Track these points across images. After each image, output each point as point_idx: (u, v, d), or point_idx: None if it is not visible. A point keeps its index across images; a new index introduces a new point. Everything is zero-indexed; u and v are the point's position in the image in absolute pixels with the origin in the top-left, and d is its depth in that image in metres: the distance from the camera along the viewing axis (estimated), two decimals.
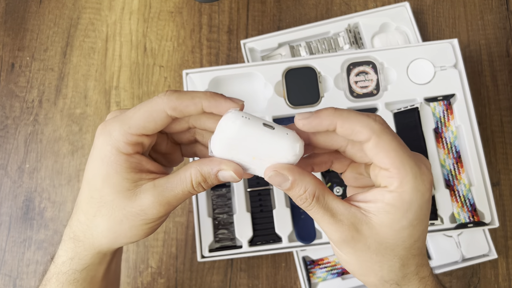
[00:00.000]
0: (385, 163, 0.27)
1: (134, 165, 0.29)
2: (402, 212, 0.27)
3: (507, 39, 0.59)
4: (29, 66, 0.58)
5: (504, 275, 0.52)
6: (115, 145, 0.29)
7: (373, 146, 0.27)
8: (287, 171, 0.27)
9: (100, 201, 0.30)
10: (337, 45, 0.56)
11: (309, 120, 0.27)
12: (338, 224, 0.28)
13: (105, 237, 0.31)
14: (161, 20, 0.59)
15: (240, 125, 0.27)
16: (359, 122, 0.27)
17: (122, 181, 0.29)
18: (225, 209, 0.49)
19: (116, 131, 0.29)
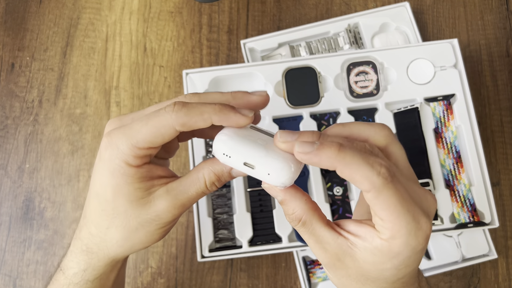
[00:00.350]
0: (382, 215, 0.26)
1: (144, 174, 0.30)
2: (388, 258, 0.26)
3: (507, 39, 0.59)
4: (29, 66, 0.58)
5: (504, 275, 0.52)
6: (123, 158, 0.29)
7: (371, 198, 0.25)
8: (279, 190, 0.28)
9: (113, 213, 0.30)
10: (337, 45, 0.56)
11: (308, 156, 0.26)
12: (322, 250, 0.28)
13: (121, 246, 0.31)
14: (161, 20, 0.59)
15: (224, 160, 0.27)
16: (360, 172, 0.25)
17: (135, 191, 0.29)
18: (225, 209, 0.49)
19: (123, 144, 0.28)
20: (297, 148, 0.26)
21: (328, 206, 0.48)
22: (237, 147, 0.27)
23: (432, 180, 0.49)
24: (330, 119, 0.51)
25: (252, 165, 0.27)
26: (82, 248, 0.32)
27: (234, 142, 0.27)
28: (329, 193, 0.49)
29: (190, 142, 0.50)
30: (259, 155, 0.27)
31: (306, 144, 0.26)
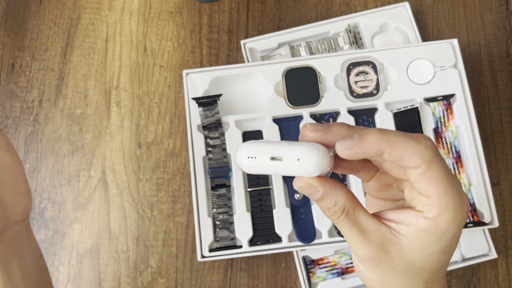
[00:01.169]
0: (429, 191, 0.25)
1: None
2: (435, 239, 0.26)
3: (507, 39, 0.59)
4: (29, 66, 0.58)
5: (504, 275, 0.52)
6: None
7: (420, 174, 0.25)
8: (318, 183, 0.27)
9: None
10: (337, 45, 0.56)
11: (353, 150, 0.25)
12: (366, 241, 0.27)
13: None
14: (161, 20, 0.59)
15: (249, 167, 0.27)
16: (409, 149, 0.25)
17: None
18: (225, 209, 0.49)
19: None
20: (339, 147, 0.26)
21: None
22: (260, 147, 0.27)
23: None
24: (330, 119, 0.51)
25: (280, 156, 0.26)
26: None
27: (256, 145, 0.27)
28: None
29: (190, 142, 0.50)
30: (283, 146, 0.27)
31: (346, 140, 0.26)
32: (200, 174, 0.49)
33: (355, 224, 0.27)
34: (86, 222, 0.53)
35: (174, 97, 0.57)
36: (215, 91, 0.52)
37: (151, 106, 0.56)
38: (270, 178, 0.50)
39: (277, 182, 0.49)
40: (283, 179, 0.49)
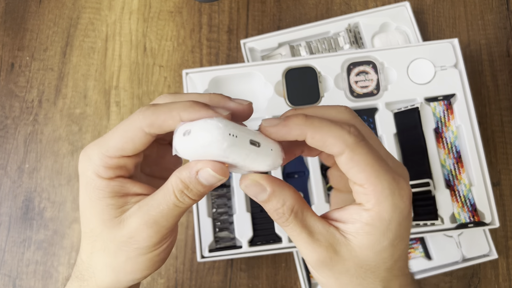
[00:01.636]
0: (360, 178, 0.24)
1: (117, 189, 0.27)
2: (382, 232, 0.25)
3: (508, 39, 0.59)
4: (29, 66, 0.58)
5: (505, 275, 0.52)
6: (94, 170, 0.26)
7: (346, 160, 0.24)
8: (266, 181, 0.25)
9: (92, 235, 0.27)
10: (337, 45, 0.55)
11: (276, 128, 0.25)
12: (316, 244, 0.25)
13: (106, 275, 0.28)
14: (161, 20, 0.59)
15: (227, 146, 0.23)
16: (332, 133, 0.24)
17: (107, 208, 0.26)
18: (225, 209, 0.49)
19: (94, 155, 0.26)
20: (264, 123, 0.25)
21: (328, 206, 0.48)
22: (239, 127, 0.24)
23: (432, 180, 0.49)
24: None
25: (258, 142, 0.25)
26: (76, 274, 0.30)
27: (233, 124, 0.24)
28: (329, 193, 0.49)
29: None
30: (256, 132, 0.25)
31: (273, 119, 0.26)
32: None
33: (304, 226, 0.25)
34: None
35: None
36: (215, 91, 0.52)
37: None
38: None
39: None
40: (283, 179, 0.49)
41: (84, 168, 0.27)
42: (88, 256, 0.28)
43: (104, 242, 0.27)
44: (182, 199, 0.26)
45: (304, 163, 0.50)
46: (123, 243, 0.26)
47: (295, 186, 0.49)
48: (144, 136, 0.26)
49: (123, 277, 0.28)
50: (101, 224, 0.27)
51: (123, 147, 0.26)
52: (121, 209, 0.27)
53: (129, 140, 0.26)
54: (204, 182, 0.25)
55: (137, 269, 0.28)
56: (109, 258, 0.27)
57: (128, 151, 0.26)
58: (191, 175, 0.25)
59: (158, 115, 0.25)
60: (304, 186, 0.49)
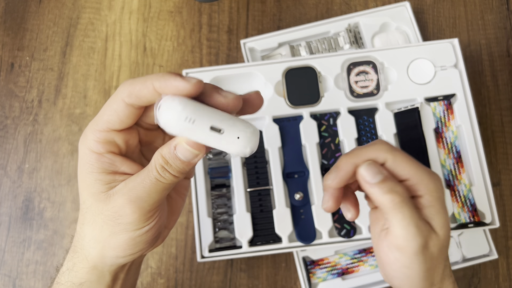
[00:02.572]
0: (404, 174, 0.32)
1: (106, 166, 0.28)
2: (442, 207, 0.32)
3: (508, 39, 0.59)
4: (29, 66, 0.58)
5: (505, 275, 0.52)
6: (87, 144, 0.28)
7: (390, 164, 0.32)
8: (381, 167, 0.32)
9: (84, 207, 0.29)
10: (337, 45, 0.55)
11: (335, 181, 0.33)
12: (420, 230, 0.31)
13: (92, 247, 0.29)
14: (161, 20, 0.59)
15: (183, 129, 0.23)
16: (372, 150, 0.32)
17: (95, 183, 0.28)
18: (225, 209, 0.49)
19: (88, 131, 0.28)
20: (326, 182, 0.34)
21: None
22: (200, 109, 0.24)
23: None
24: (330, 119, 0.51)
25: (220, 128, 0.24)
26: (72, 245, 0.31)
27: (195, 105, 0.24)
28: None
29: None
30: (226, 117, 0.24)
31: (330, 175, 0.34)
32: (200, 174, 0.49)
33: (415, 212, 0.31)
34: None
35: None
36: None
37: None
38: (270, 178, 0.50)
39: (277, 182, 0.49)
40: (283, 179, 0.49)
41: (81, 144, 0.29)
42: (80, 227, 0.30)
43: (93, 214, 0.28)
44: (163, 174, 0.27)
45: (304, 163, 0.50)
46: (108, 217, 0.28)
47: (295, 186, 0.49)
48: (126, 107, 0.27)
49: (107, 252, 0.29)
50: (90, 197, 0.28)
51: (108, 119, 0.27)
52: (109, 185, 0.28)
53: (113, 112, 0.27)
54: (182, 158, 0.26)
55: (120, 245, 0.29)
56: (95, 231, 0.29)
57: (114, 123, 0.27)
58: (170, 150, 0.26)
59: (135, 86, 0.26)
60: (304, 186, 0.49)
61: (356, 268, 0.50)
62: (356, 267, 0.50)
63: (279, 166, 0.49)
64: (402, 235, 0.31)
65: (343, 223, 0.48)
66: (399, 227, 0.31)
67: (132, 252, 0.29)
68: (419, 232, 0.31)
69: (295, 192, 0.49)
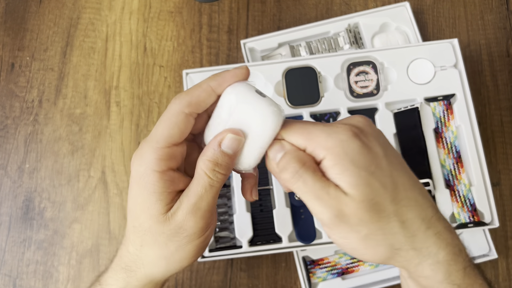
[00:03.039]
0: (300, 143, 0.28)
1: (168, 184, 0.28)
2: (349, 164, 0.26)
3: (507, 39, 0.59)
4: (29, 66, 0.58)
5: (504, 275, 0.52)
6: (148, 165, 0.28)
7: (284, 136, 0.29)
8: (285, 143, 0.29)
9: (141, 229, 0.29)
10: (337, 45, 0.56)
11: None
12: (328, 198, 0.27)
13: (157, 265, 0.30)
14: (161, 20, 0.59)
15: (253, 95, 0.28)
16: None
17: (155, 204, 0.28)
18: (225, 209, 0.49)
19: (146, 151, 0.28)
20: None
21: None
22: None
23: (432, 180, 0.49)
24: (330, 119, 0.51)
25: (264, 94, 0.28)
26: (122, 265, 0.31)
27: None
28: None
29: None
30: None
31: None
32: None
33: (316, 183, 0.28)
34: (86, 222, 0.53)
35: (174, 97, 0.57)
36: None
37: (151, 106, 0.56)
38: (270, 178, 0.50)
39: (277, 182, 0.49)
40: None
41: (137, 165, 0.29)
42: (137, 249, 0.30)
43: (153, 235, 0.29)
44: (215, 177, 0.28)
45: None
46: (173, 235, 0.29)
47: None
48: (186, 117, 0.28)
49: (172, 265, 0.30)
50: (149, 219, 0.28)
51: (170, 134, 0.28)
52: (168, 206, 0.29)
53: (174, 126, 0.28)
54: (229, 151, 0.28)
55: (186, 256, 0.30)
56: (159, 250, 0.29)
57: (176, 137, 0.28)
58: (216, 150, 0.28)
59: (192, 94, 0.28)
60: None
61: (356, 268, 0.50)
62: (356, 267, 0.50)
63: None
64: (314, 211, 0.28)
65: None
66: (308, 203, 0.28)
67: (196, 257, 0.31)
68: (322, 204, 0.27)
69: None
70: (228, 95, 0.28)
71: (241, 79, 0.29)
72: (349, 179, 0.26)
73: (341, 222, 0.27)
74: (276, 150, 0.28)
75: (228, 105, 0.28)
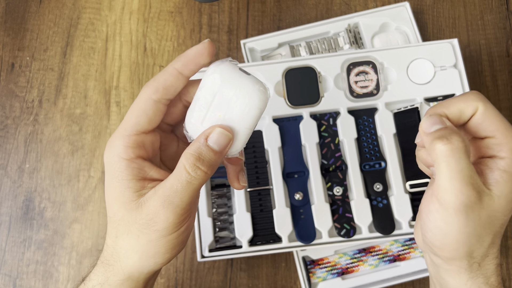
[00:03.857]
0: (492, 130, 0.28)
1: (136, 172, 0.28)
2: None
3: (507, 39, 0.59)
4: (29, 66, 0.58)
5: (504, 275, 0.52)
6: (116, 152, 0.28)
7: (480, 115, 0.28)
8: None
9: (116, 219, 0.29)
10: (337, 45, 0.56)
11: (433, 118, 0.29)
12: (470, 187, 0.26)
13: (130, 258, 0.29)
14: (161, 20, 0.59)
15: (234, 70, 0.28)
16: (465, 97, 0.29)
17: (126, 191, 0.28)
18: (225, 209, 0.49)
19: (115, 139, 0.28)
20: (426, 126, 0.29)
21: (328, 206, 0.48)
22: None
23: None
24: (330, 119, 0.51)
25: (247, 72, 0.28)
26: (102, 260, 0.31)
27: None
28: (329, 193, 0.49)
29: None
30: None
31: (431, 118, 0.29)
32: None
33: (467, 166, 0.27)
34: (86, 222, 0.53)
35: None
36: None
37: None
38: (270, 178, 0.50)
39: (277, 182, 0.49)
40: (283, 179, 0.49)
41: (108, 153, 0.28)
42: (113, 241, 0.29)
43: (127, 225, 0.28)
44: (194, 174, 0.27)
45: (304, 163, 0.50)
46: (143, 226, 0.28)
47: (295, 186, 0.49)
48: (155, 104, 0.28)
49: (146, 260, 0.29)
50: (121, 207, 0.28)
51: (137, 121, 0.28)
52: (139, 193, 0.28)
53: (142, 113, 0.28)
54: (215, 147, 0.26)
55: (158, 251, 0.29)
56: (132, 241, 0.28)
57: (144, 124, 0.28)
58: (201, 143, 0.26)
59: (158, 79, 0.28)
60: (304, 186, 0.49)
61: (356, 268, 0.50)
62: (356, 267, 0.50)
63: (279, 166, 0.49)
64: (445, 187, 0.27)
65: (343, 223, 0.48)
66: (443, 178, 0.27)
67: (171, 255, 0.29)
68: (465, 188, 0.26)
69: (295, 192, 0.49)
70: (212, 74, 0.27)
71: (206, 55, 0.28)
72: (506, 191, 0.28)
73: (465, 213, 0.27)
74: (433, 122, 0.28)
75: (211, 85, 0.27)
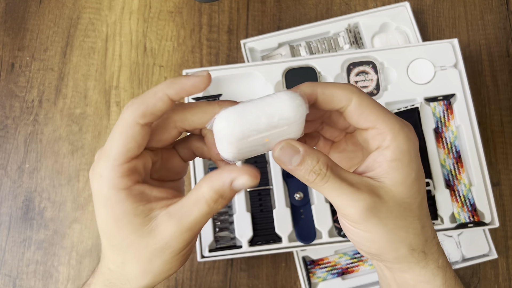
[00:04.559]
0: (371, 120, 0.27)
1: (138, 198, 0.27)
2: (407, 163, 0.27)
3: (507, 39, 0.59)
4: (29, 66, 0.58)
5: (504, 275, 0.52)
6: (110, 185, 0.26)
7: (355, 107, 0.27)
8: (297, 143, 0.26)
9: (122, 246, 0.28)
10: (337, 45, 0.56)
11: None
12: (358, 192, 0.26)
13: (142, 279, 0.29)
14: (161, 20, 0.59)
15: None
16: (338, 87, 0.27)
17: (134, 219, 0.26)
18: (225, 209, 0.49)
19: (104, 170, 0.26)
20: None
21: (328, 206, 0.48)
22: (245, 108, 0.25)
23: (432, 180, 0.49)
24: None
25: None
26: (105, 283, 0.30)
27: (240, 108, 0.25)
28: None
29: None
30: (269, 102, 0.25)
31: None
32: (200, 173, 0.49)
33: (343, 179, 0.26)
34: (86, 222, 0.53)
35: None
36: (215, 91, 0.52)
37: None
38: (270, 178, 0.50)
39: (277, 182, 0.49)
40: (283, 179, 0.49)
41: (98, 187, 0.27)
42: (119, 266, 0.29)
43: (136, 251, 0.27)
44: (215, 207, 0.26)
45: None
46: (157, 250, 0.27)
47: (295, 186, 0.49)
48: (142, 128, 0.26)
49: (159, 277, 0.29)
50: (130, 234, 0.27)
51: (127, 149, 0.26)
52: (149, 217, 0.27)
53: (130, 140, 0.26)
54: (237, 189, 0.26)
55: (172, 267, 0.29)
56: (144, 265, 0.28)
57: (134, 150, 0.26)
58: (225, 185, 0.26)
59: (147, 103, 0.26)
60: (304, 186, 0.49)
61: (356, 268, 0.50)
62: (356, 267, 0.50)
63: (279, 166, 0.49)
64: (339, 206, 0.27)
65: None
66: (335, 199, 0.27)
67: (181, 265, 0.30)
68: (356, 196, 0.26)
69: (295, 192, 0.49)
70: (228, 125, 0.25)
71: (202, 88, 0.26)
72: (401, 177, 0.27)
73: (372, 215, 0.27)
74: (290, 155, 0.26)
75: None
